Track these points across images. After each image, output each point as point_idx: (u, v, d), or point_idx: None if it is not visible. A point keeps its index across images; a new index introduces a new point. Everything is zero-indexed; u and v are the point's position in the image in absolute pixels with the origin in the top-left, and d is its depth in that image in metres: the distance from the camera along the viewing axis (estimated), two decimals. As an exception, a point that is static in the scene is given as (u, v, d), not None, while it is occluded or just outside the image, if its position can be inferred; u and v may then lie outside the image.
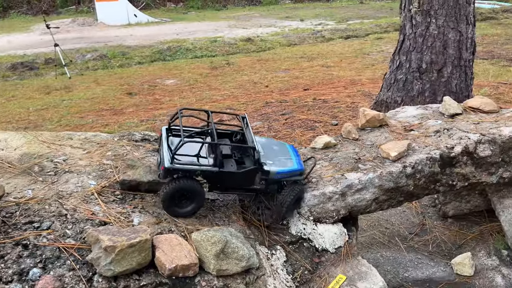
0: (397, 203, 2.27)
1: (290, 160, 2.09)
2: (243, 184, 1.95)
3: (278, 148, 2.18)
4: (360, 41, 12.60)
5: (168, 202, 1.83)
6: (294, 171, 2.05)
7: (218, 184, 1.92)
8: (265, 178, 1.95)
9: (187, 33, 14.48)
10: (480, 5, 18.13)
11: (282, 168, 2.00)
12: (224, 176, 1.87)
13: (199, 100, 7.06)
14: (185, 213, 1.88)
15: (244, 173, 1.90)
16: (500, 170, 2.34)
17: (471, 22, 4.50)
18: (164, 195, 1.81)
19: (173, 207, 1.86)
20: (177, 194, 1.82)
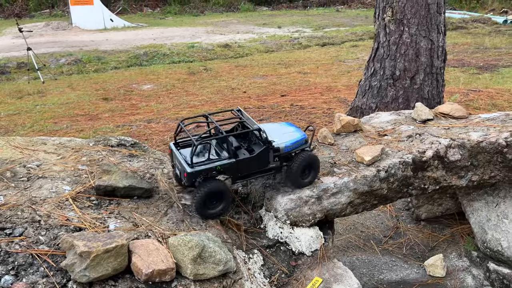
0: (371, 206, 2.32)
1: (292, 133, 2.20)
2: (260, 166, 2.05)
3: (277, 126, 2.29)
4: (336, 49, 12.82)
5: (201, 207, 1.95)
6: (300, 140, 2.15)
7: (239, 173, 2.01)
8: (277, 154, 2.06)
9: (164, 38, 14.41)
10: (451, 14, 18.77)
11: (289, 141, 2.11)
12: (242, 164, 1.98)
13: (176, 105, 7.02)
14: (216, 213, 2.01)
15: (259, 155, 2.01)
16: (469, 174, 2.43)
17: (441, 31, 4.66)
18: (197, 201, 1.93)
19: (206, 210, 1.98)
20: (208, 197, 1.94)
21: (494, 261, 2.70)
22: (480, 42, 12.20)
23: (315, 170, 2.19)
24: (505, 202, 2.70)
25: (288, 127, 2.27)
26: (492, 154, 2.36)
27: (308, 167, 2.15)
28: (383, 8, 4.72)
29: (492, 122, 2.57)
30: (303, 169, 2.14)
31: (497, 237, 2.67)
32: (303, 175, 2.16)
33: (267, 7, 24.46)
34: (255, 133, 2.04)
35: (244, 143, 2.13)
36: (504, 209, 2.69)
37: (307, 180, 2.18)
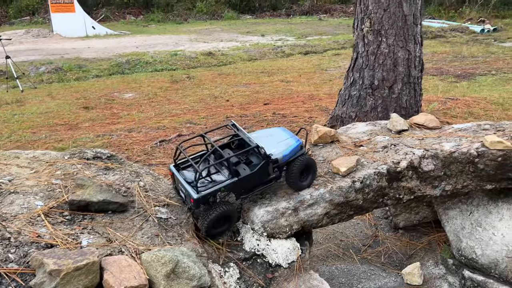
0: (347, 216, 2.35)
1: (288, 140, 2.26)
2: (261, 179, 2.13)
3: (272, 134, 2.34)
4: (318, 57, 12.96)
5: (209, 229, 2.06)
6: (296, 148, 2.22)
7: (242, 189, 2.10)
8: (276, 165, 2.14)
9: (147, 46, 14.35)
10: (430, 23, 19.18)
11: (286, 150, 2.18)
12: (244, 181, 2.06)
13: (158, 114, 6.99)
14: (222, 231, 2.13)
15: (259, 170, 2.09)
16: (442, 184, 2.48)
17: (418, 42, 4.76)
18: (207, 225, 2.03)
19: (212, 230, 2.09)
20: (216, 220, 2.04)
21: (469, 269, 2.75)
22: (458, 50, 12.50)
23: (313, 173, 2.28)
24: (478, 211, 2.76)
25: (283, 134, 2.32)
26: (464, 164, 2.42)
27: (305, 170, 2.24)
28: (361, 19, 4.80)
29: (464, 132, 2.63)
30: (301, 173, 2.22)
31: (471, 244, 2.72)
32: (301, 178, 2.24)
33: (251, 16, 24.62)
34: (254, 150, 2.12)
35: (243, 156, 2.20)
36: (477, 217, 2.75)
37: (305, 183, 2.26)
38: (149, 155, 5.11)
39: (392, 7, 4.54)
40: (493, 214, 2.69)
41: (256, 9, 25.55)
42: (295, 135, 2.31)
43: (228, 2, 24.85)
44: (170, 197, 2.23)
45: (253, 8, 25.59)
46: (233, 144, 2.26)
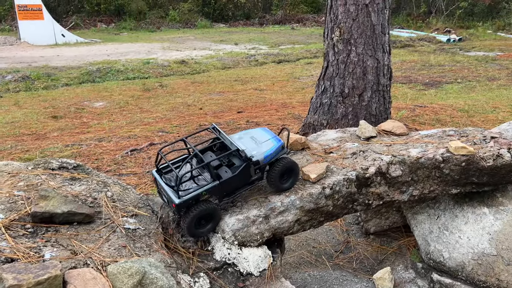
0: (318, 223, 2.36)
1: (269, 141, 2.27)
2: (243, 181, 2.15)
3: (253, 135, 2.34)
4: (291, 65, 13.09)
5: (191, 229, 2.06)
6: (277, 149, 2.24)
7: (224, 192, 2.12)
8: (258, 167, 2.16)
9: (119, 54, 14.15)
10: (399, 33, 19.75)
11: (267, 152, 2.20)
12: (226, 184, 2.08)
13: (130, 123, 6.88)
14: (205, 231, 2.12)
15: (240, 173, 2.10)
16: (410, 189, 2.53)
17: (386, 51, 4.88)
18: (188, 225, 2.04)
19: (195, 230, 2.08)
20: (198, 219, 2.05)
21: (437, 272, 2.81)
22: (426, 59, 12.89)
23: (295, 175, 2.30)
24: (445, 215, 2.83)
25: (264, 134, 2.33)
26: (431, 169, 2.48)
27: (287, 172, 2.26)
28: (331, 28, 4.89)
29: (430, 138, 2.70)
30: (282, 174, 2.24)
31: (439, 248, 2.78)
32: (282, 180, 2.25)
33: (224, 24, 24.70)
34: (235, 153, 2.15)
35: (224, 159, 2.21)
36: (444, 221, 2.82)
37: (286, 185, 2.28)
38: (119, 165, 5.01)
39: (360, 17, 4.64)
40: (459, 218, 2.77)
41: (229, 18, 25.66)
42: (276, 135, 2.34)
43: (201, 11, 24.87)
44: (139, 207, 2.19)
45: (227, 17, 25.69)
46: (215, 147, 2.28)
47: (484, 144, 2.53)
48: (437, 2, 23.23)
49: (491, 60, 12.41)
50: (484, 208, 2.70)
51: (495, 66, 11.46)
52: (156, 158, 2.19)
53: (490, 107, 6.91)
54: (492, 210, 2.66)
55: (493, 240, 2.57)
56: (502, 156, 2.41)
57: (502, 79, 9.72)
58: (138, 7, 22.48)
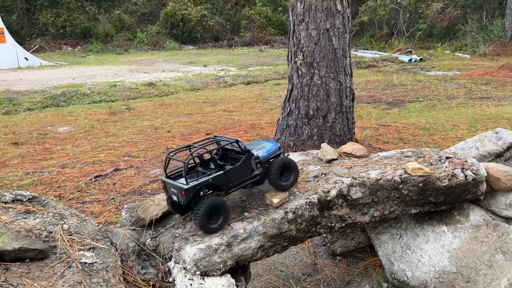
0: (282, 248, 2.35)
1: (266, 145, 2.52)
2: (246, 174, 2.30)
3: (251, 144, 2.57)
4: (260, 87, 13.25)
5: (204, 224, 2.12)
6: (274, 148, 2.48)
7: (230, 183, 2.24)
8: (259, 161, 2.34)
9: (85, 77, 13.93)
10: (364, 54, 20.43)
11: (265, 150, 2.43)
12: (230, 174, 2.22)
13: (95, 148, 6.72)
14: (217, 227, 2.18)
15: (242, 164, 2.26)
16: (371, 210, 2.58)
17: (348, 73, 5.03)
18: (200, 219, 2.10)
19: (208, 225, 2.15)
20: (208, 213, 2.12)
21: (401, 291, 2.84)
22: (389, 79, 13.34)
23: (295, 173, 2.46)
24: (407, 234, 2.89)
25: (260, 142, 2.60)
26: (390, 191, 2.54)
27: (286, 170, 2.42)
28: (294, 52, 5.01)
29: (389, 160, 2.77)
30: (282, 172, 2.39)
31: (402, 267, 2.82)
32: (282, 178, 2.40)
33: (193, 46, 24.84)
34: (234, 146, 2.32)
35: (227, 162, 2.39)
36: (406, 240, 2.87)
37: (287, 183, 2.42)
38: (83, 192, 4.86)
39: (322, 41, 4.78)
40: (420, 237, 2.83)
41: (198, 40, 25.84)
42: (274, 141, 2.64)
43: (169, 33, 24.95)
44: (97, 240, 2.12)
45: (195, 39, 25.86)
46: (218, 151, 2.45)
47: (439, 164, 2.62)
48: (398, 24, 24.26)
49: (450, 79, 12.98)
50: (443, 226, 2.77)
51: (454, 85, 11.98)
52: (164, 162, 2.31)
53: (450, 125, 7.18)
54: (451, 228, 2.74)
55: (453, 257, 2.64)
56: (456, 176, 2.50)
57: (461, 97, 10.17)
58: (105, 29, 22.32)
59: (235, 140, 2.29)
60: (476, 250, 2.59)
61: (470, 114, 8.00)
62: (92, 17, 23.43)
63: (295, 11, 4.91)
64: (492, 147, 3.79)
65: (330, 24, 4.76)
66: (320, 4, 4.71)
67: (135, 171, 5.51)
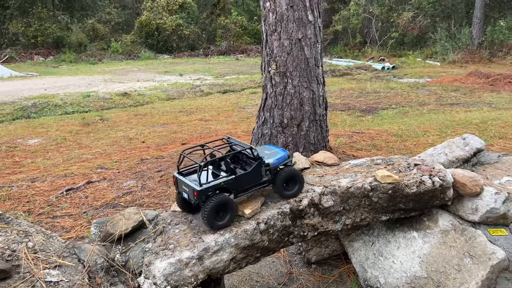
0: (254, 259, 2.34)
1: (277, 151, 2.59)
2: (255, 180, 2.40)
3: (261, 149, 2.64)
4: (236, 95, 13.27)
5: (210, 219, 2.21)
6: (284, 156, 2.55)
7: (239, 188, 2.34)
8: (268, 168, 2.42)
9: (57, 88, 13.65)
10: (338, 62, 20.76)
11: (276, 157, 2.50)
12: (240, 179, 2.32)
13: (67, 160, 6.57)
14: (224, 224, 2.26)
15: (253, 170, 2.37)
16: (343, 218, 2.60)
17: (321, 82, 5.09)
18: (207, 215, 2.19)
19: (215, 222, 2.23)
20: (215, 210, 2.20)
21: (375, 298, 2.87)
22: (363, 87, 13.59)
23: (299, 184, 2.52)
24: (379, 241, 2.93)
25: (272, 148, 2.67)
26: (360, 198, 2.57)
27: (291, 180, 2.49)
28: (268, 61, 5.04)
29: (359, 168, 2.81)
30: (287, 182, 2.47)
31: (375, 274, 2.85)
32: (287, 187, 2.48)
33: (169, 55, 24.70)
34: (247, 152, 2.42)
35: (237, 165, 2.48)
36: (379, 247, 2.91)
37: (291, 192, 2.49)
38: (53, 207, 4.73)
39: (294, 51, 4.83)
40: (391, 243, 2.87)
41: (174, 49, 25.72)
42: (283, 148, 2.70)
43: (144, 42, 24.76)
44: (63, 257, 2.06)
45: (171, 48, 25.74)
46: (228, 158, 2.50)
47: (408, 171, 2.67)
48: (371, 33, 24.81)
49: (421, 86, 13.33)
50: (413, 232, 2.82)
51: (425, 91, 12.30)
52: (178, 159, 2.40)
53: (422, 131, 7.36)
54: (421, 234, 2.79)
55: (423, 263, 2.69)
56: (424, 182, 2.56)
57: (432, 104, 10.45)
58: (78, 39, 21.96)
59: (250, 147, 2.40)
60: (445, 255, 2.65)
61: (441, 120, 8.23)
62: (65, 27, 23.02)
63: (267, 22, 4.95)
64: (460, 153, 3.91)
65: (302, 34, 4.82)
66: (292, 14, 4.77)
67: (108, 184, 5.40)
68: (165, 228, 2.29)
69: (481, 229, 2.69)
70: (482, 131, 7.04)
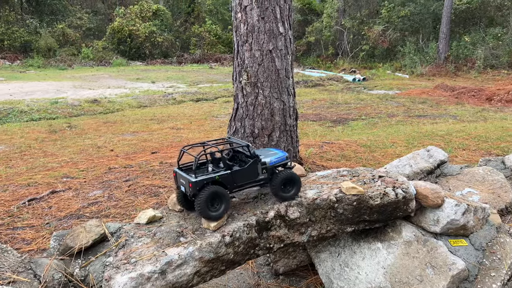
0: (219, 272, 2.32)
1: (275, 153, 2.66)
2: (251, 177, 2.45)
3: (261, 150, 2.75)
4: (209, 104, 13.23)
5: (204, 209, 2.25)
6: (282, 157, 2.60)
7: (234, 183, 2.39)
8: (265, 167, 2.48)
9: (24, 94, 13.23)
10: (311, 73, 21.07)
11: (273, 157, 2.56)
12: (236, 175, 2.38)
13: (31, 168, 6.34)
14: (218, 214, 2.31)
15: (249, 167, 2.42)
16: (309, 229, 2.61)
17: (291, 93, 5.14)
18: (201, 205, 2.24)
19: (209, 212, 2.28)
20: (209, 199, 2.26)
21: (341, 309, 2.88)
22: (334, 98, 13.83)
23: (297, 186, 2.56)
24: (345, 252, 2.95)
25: (271, 150, 2.75)
26: (326, 210, 2.59)
27: (289, 182, 2.53)
28: (239, 72, 5.05)
29: (325, 179, 2.84)
30: (285, 184, 2.51)
31: (341, 285, 2.87)
32: (285, 190, 2.52)
33: (141, 62, 24.42)
34: (244, 149, 2.48)
35: (236, 163, 2.54)
36: (344, 258, 2.93)
37: (289, 194, 2.53)
38: (14, 217, 4.54)
39: (265, 62, 4.87)
40: (357, 254, 2.90)
41: (146, 56, 25.46)
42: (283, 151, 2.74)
43: (116, 49, 24.39)
44: (18, 272, 1.98)
45: (144, 55, 25.47)
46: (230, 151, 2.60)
47: (372, 183, 2.72)
48: (343, 45, 25.35)
49: (390, 98, 13.69)
50: (378, 243, 2.86)
51: (394, 103, 12.63)
52: (178, 155, 2.50)
53: (390, 142, 7.53)
54: (385, 244, 2.83)
55: (387, 273, 2.73)
56: (388, 194, 2.61)
57: (400, 115, 10.73)
58: (48, 44, 21.41)
59: (246, 144, 2.46)
60: (408, 266, 2.70)
61: (408, 131, 8.45)
62: (33, 31, 22.41)
63: (238, 32, 4.97)
64: (424, 165, 4.02)
65: (273, 46, 4.87)
66: (263, 26, 4.81)
67: (73, 193, 5.24)
68: (128, 241, 2.23)
69: (442, 240, 2.76)
70: (447, 143, 7.27)
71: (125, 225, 2.46)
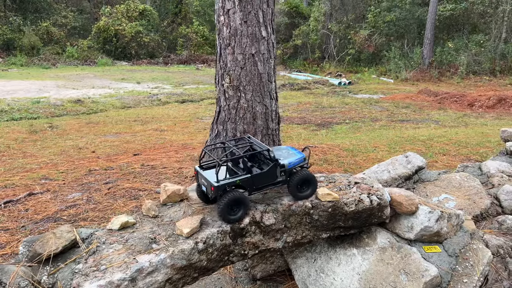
0: (192, 279, 2.29)
1: (293, 153, 2.73)
2: (270, 180, 2.53)
3: (279, 149, 2.80)
4: (195, 105, 13.17)
5: (224, 214, 2.36)
6: (300, 159, 2.66)
7: (254, 186, 2.48)
8: (283, 170, 2.55)
9: (5, 92, 12.99)
10: (297, 76, 21.15)
11: (292, 159, 2.61)
12: (256, 178, 2.46)
13: (9, 170, 6.22)
14: (237, 218, 2.41)
15: (268, 171, 2.50)
16: (284, 236, 2.61)
17: (274, 97, 5.15)
18: (221, 209, 2.34)
19: (228, 216, 2.38)
20: (230, 205, 2.36)
21: (316, 315, 2.88)
22: (319, 101, 13.89)
23: (313, 187, 2.64)
24: (321, 257, 2.96)
25: (289, 150, 2.81)
26: (302, 216, 2.59)
27: (305, 183, 2.60)
28: (222, 75, 5.04)
29: (302, 185, 2.84)
30: (301, 184, 2.59)
31: (316, 291, 2.87)
32: (301, 190, 2.60)
33: (127, 62, 24.20)
34: (264, 153, 2.55)
35: (255, 164, 2.61)
36: (320, 264, 2.94)
37: (304, 194, 2.61)
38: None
39: (248, 65, 4.87)
40: (333, 260, 2.91)
41: (132, 56, 25.24)
42: (300, 151, 2.79)
43: (102, 48, 24.13)
44: (-17, 280, 1.92)
45: (129, 55, 25.25)
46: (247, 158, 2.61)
47: (348, 189, 2.73)
48: (329, 48, 25.53)
49: (375, 102, 13.81)
50: (353, 249, 2.88)
51: (378, 108, 12.76)
52: (200, 154, 2.63)
53: (372, 146, 7.59)
54: (360, 251, 2.85)
55: (362, 279, 2.74)
56: (363, 201, 2.62)
57: (383, 120, 10.84)
58: (31, 42, 21.06)
59: (267, 148, 2.54)
60: (383, 272, 2.71)
61: (391, 136, 8.54)
62: (17, 29, 22.03)
63: (221, 35, 4.96)
64: (403, 170, 4.06)
65: (256, 50, 4.87)
66: (246, 29, 4.80)
67: (51, 196, 5.15)
68: (99, 247, 2.20)
69: (416, 246, 2.79)
70: (428, 148, 7.36)
71: (97, 231, 2.42)
